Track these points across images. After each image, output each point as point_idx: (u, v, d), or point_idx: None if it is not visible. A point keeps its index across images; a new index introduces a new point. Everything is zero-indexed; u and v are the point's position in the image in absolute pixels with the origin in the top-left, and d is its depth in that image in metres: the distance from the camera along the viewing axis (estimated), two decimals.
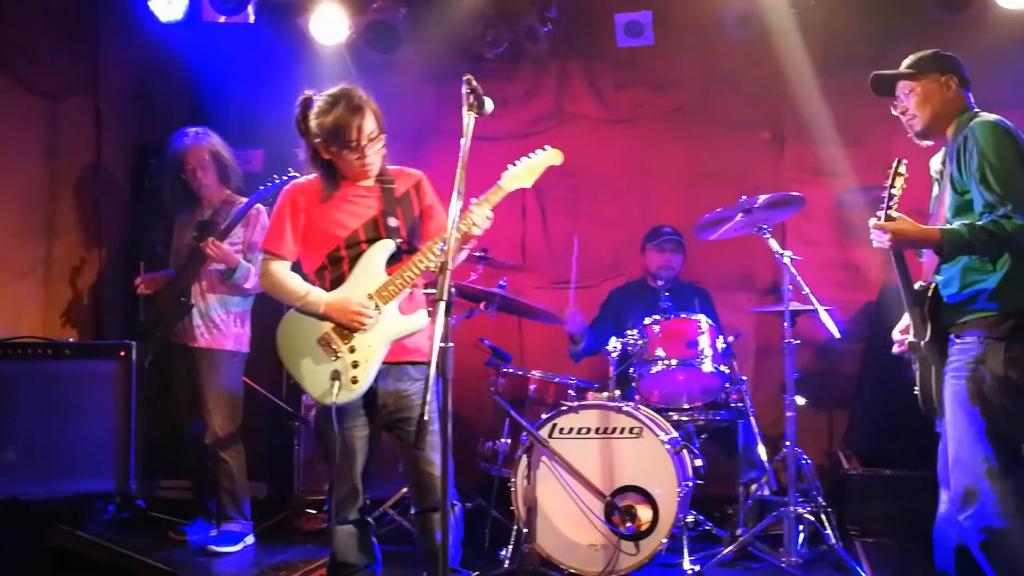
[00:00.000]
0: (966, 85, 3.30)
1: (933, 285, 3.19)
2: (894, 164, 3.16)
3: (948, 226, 3.08)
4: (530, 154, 3.43)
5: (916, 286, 3.27)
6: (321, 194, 3.38)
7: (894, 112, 3.38)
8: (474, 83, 2.83)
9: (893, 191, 3.14)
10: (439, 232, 3.28)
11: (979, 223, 3.00)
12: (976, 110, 3.27)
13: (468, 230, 3.22)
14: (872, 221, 3.17)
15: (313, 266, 3.41)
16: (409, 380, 3.36)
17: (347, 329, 3.28)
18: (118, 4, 5.48)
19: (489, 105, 2.87)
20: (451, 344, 2.50)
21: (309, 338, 3.30)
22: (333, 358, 3.27)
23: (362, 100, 3.29)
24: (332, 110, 3.26)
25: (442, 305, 2.46)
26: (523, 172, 3.41)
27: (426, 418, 2.42)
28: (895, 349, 3.40)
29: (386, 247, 3.33)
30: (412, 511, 3.50)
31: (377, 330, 3.28)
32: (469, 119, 2.83)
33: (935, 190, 3.37)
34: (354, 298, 3.27)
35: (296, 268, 3.48)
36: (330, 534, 3.40)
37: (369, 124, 3.28)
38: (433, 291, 2.49)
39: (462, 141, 2.81)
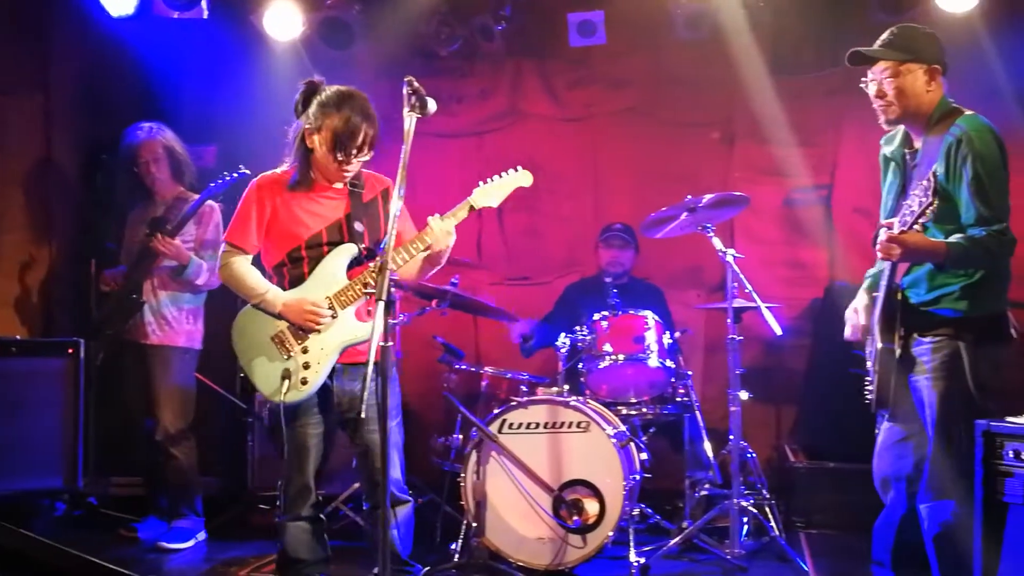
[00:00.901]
0: (945, 71, 3.19)
1: (899, 289, 3.17)
2: (932, 179, 2.79)
3: (953, 240, 2.98)
4: (501, 173, 3.44)
5: (871, 275, 3.30)
6: (287, 187, 3.37)
7: (866, 88, 3.23)
8: (415, 84, 2.85)
9: (931, 207, 2.80)
10: (404, 239, 3.30)
11: (979, 237, 2.96)
12: (955, 103, 3.17)
13: (431, 244, 3.24)
14: (883, 233, 3.00)
15: (272, 262, 3.41)
16: (364, 378, 3.36)
17: (302, 330, 3.29)
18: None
19: (432, 105, 2.90)
20: (391, 343, 2.52)
21: (264, 335, 3.31)
22: (285, 357, 3.29)
23: (371, 109, 3.30)
24: (342, 109, 3.25)
25: (381, 305, 2.48)
26: (493, 190, 3.41)
27: (363, 415, 2.44)
28: (847, 332, 3.39)
29: (348, 251, 3.34)
30: (364, 507, 3.54)
31: (331, 333, 3.29)
32: (411, 120, 2.85)
33: (889, 176, 3.32)
34: (311, 299, 3.27)
35: (256, 261, 3.48)
36: (281, 530, 3.41)
37: (369, 135, 3.28)
38: (373, 290, 2.50)
39: (404, 143, 2.82)
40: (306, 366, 3.27)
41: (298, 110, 3.39)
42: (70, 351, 4.76)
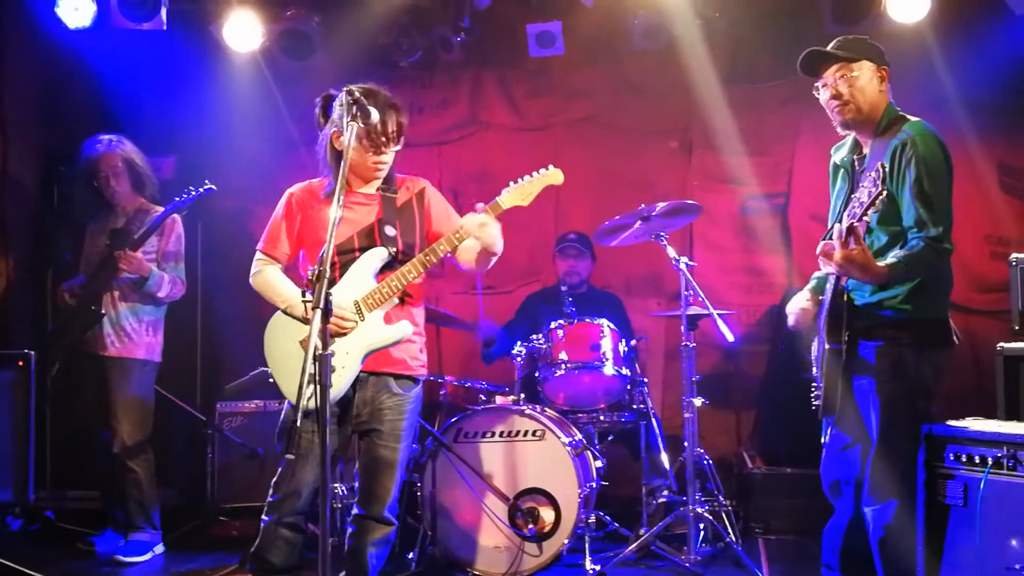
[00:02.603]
0: (889, 79, 3.25)
1: (845, 291, 3.19)
2: (880, 169, 2.77)
3: (892, 261, 2.99)
4: (533, 173, 3.42)
5: (817, 277, 3.35)
6: (320, 198, 3.38)
7: (819, 95, 3.26)
8: (356, 93, 2.86)
9: (881, 197, 2.77)
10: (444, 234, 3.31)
11: (916, 251, 2.99)
12: (900, 111, 3.22)
13: (455, 246, 3.25)
14: (833, 242, 2.97)
15: (307, 269, 3.39)
16: (387, 394, 3.34)
17: (328, 334, 3.28)
18: (23, 11, 5.39)
19: (375, 115, 2.91)
20: (330, 352, 2.53)
21: (292, 340, 3.30)
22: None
23: (393, 98, 3.29)
24: (367, 105, 3.19)
25: (318, 312, 2.49)
26: (522, 190, 3.40)
27: (298, 424, 2.44)
28: (790, 321, 3.40)
29: (378, 255, 3.31)
30: (353, 511, 3.44)
31: (357, 337, 3.26)
32: (351, 129, 2.86)
33: (838, 183, 3.35)
34: (339, 303, 3.25)
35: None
36: (262, 530, 3.34)
37: (400, 124, 3.28)
38: (310, 299, 2.51)
39: (344, 153, 2.82)
40: (331, 370, 3.24)
41: (320, 122, 3.40)
42: (20, 363, 4.73)
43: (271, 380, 3.40)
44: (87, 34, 5.39)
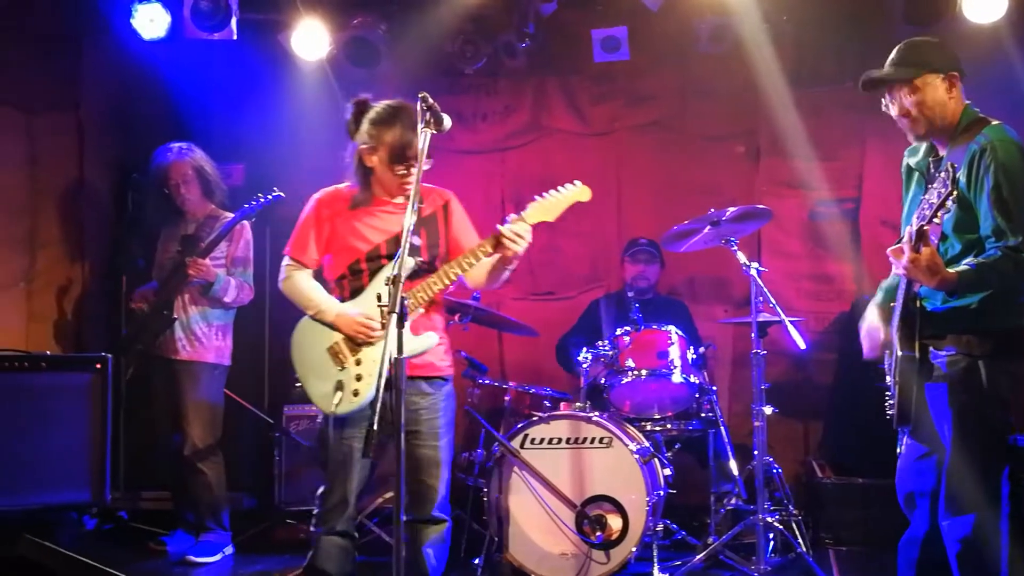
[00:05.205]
0: (963, 77, 3.10)
1: (917, 297, 3.10)
2: (951, 169, 2.69)
3: (963, 268, 2.90)
4: (559, 187, 3.37)
5: (884, 288, 3.28)
6: (349, 204, 3.41)
7: (888, 111, 3.16)
8: (430, 100, 2.87)
9: (952, 196, 2.69)
10: (463, 252, 3.32)
11: (991, 260, 2.90)
12: (980, 113, 3.10)
13: (505, 248, 3.22)
14: (905, 244, 2.89)
15: (335, 275, 3.45)
16: (419, 395, 3.35)
17: (356, 342, 3.31)
18: (101, 22, 5.53)
19: (447, 122, 2.91)
20: (404, 356, 2.54)
21: (320, 347, 3.33)
22: (339, 368, 3.29)
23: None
24: (394, 124, 3.28)
25: (394, 317, 2.50)
26: (549, 206, 3.33)
27: (375, 427, 2.45)
28: (865, 350, 3.31)
29: (406, 264, 3.34)
30: (402, 517, 3.48)
31: (384, 347, 3.28)
32: (425, 136, 2.87)
33: (912, 188, 3.26)
34: (367, 311, 3.28)
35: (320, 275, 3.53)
36: (314, 541, 3.38)
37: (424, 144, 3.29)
38: (385, 304, 2.52)
39: (418, 160, 2.83)
40: (359, 378, 3.27)
41: (351, 130, 3.42)
42: (98, 366, 4.83)
43: (298, 386, 3.42)
44: (161, 45, 5.51)
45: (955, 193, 2.69)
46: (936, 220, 2.77)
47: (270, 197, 4.74)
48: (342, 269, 3.40)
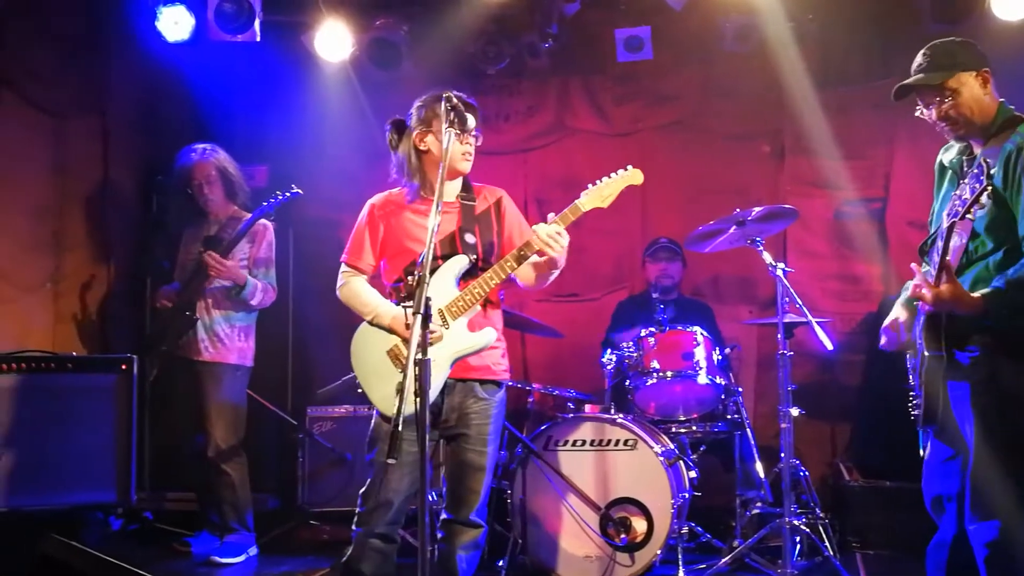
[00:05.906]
0: (993, 73, 3.03)
1: None
2: (985, 164, 2.63)
3: (990, 291, 2.84)
4: (611, 174, 3.37)
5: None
6: (402, 207, 3.41)
7: (922, 116, 3.10)
8: (454, 100, 2.85)
9: (986, 191, 2.64)
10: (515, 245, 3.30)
11: (1016, 278, 2.82)
12: (1014, 109, 3.03)
13: (540, 249, 3.20)
14: (925, 273, 2.87)
15: (391, 279, 3.44)
16: (473, 399, 3.33)
17: None
18: (126, 25, 5.57)
19: (471, 122, 2.90)
20: (429, 357, 2.52)
21: (379, 351, 3.32)
22: (399, 371, 3.24)
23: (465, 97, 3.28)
24: (440, 99, 3.16)
25: (418, 318, 2.49)
26: (602, 191, 3.33)
27: (399, 429, 2.44)
28: (882, 341, 3.26)
29: (460, 263, 3.32)
30: (442, 516, 3.44)
31: (443, 345, 3.23)
32: (449, 136, 2.85)
33: (944, 185, 3.19)
34: None
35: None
36: (354, 540, 3.34)
37: (475, 116, 3.27)
38: (410, 304, 2.50)
39: (442, 160, 2.82)
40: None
41: (393, 142, 3.43)
42: (123, 367, 4.86)
43: (360, 391, 3.41)
44: (185, 47, 5.55)
45: (990, 188, 2.63)
46: (969, 216, 2.72)
47: (288, 195, 4.75)
48: (398, 272, 3.39)
